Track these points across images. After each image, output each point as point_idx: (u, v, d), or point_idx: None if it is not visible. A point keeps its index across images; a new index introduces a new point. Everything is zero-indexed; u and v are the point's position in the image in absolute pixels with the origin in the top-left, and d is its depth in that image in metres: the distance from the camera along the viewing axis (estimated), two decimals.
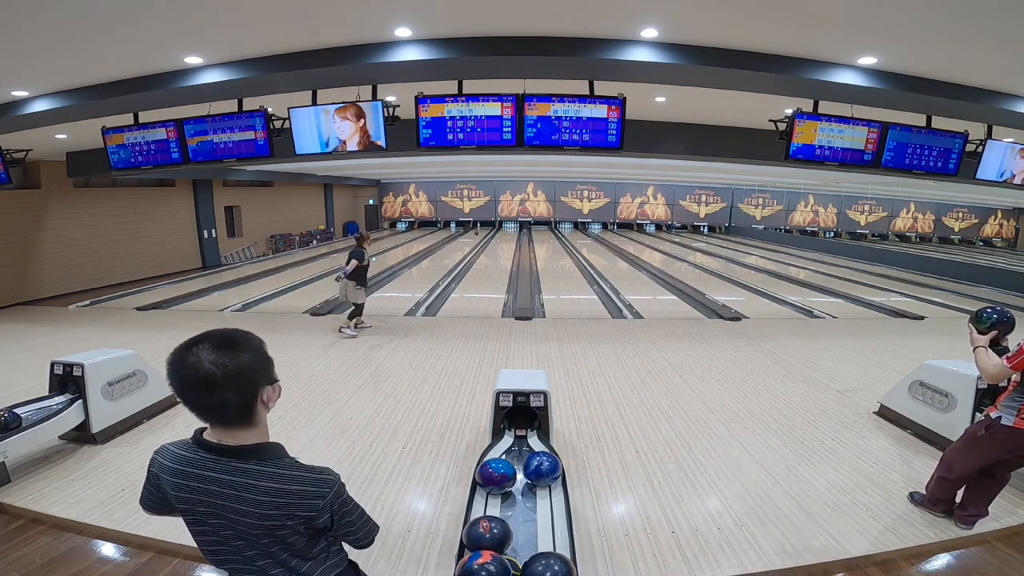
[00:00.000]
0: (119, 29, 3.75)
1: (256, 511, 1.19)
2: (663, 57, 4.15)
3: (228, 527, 1.22)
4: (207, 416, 1.21)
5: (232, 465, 1.20)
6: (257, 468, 1.21)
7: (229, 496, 1.19)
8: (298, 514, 1.21)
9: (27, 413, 3.49)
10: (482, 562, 1.94)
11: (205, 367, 1.14)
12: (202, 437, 1.24)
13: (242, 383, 1.18)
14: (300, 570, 1.27)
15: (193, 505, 1.23)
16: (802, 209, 25.55)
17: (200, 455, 1.22)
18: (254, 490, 1.18)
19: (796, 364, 5.69)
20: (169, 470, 1.25)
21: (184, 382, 1.16)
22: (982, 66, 4.38)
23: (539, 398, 3.37)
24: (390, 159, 13.20)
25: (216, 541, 1.25)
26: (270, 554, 1.24)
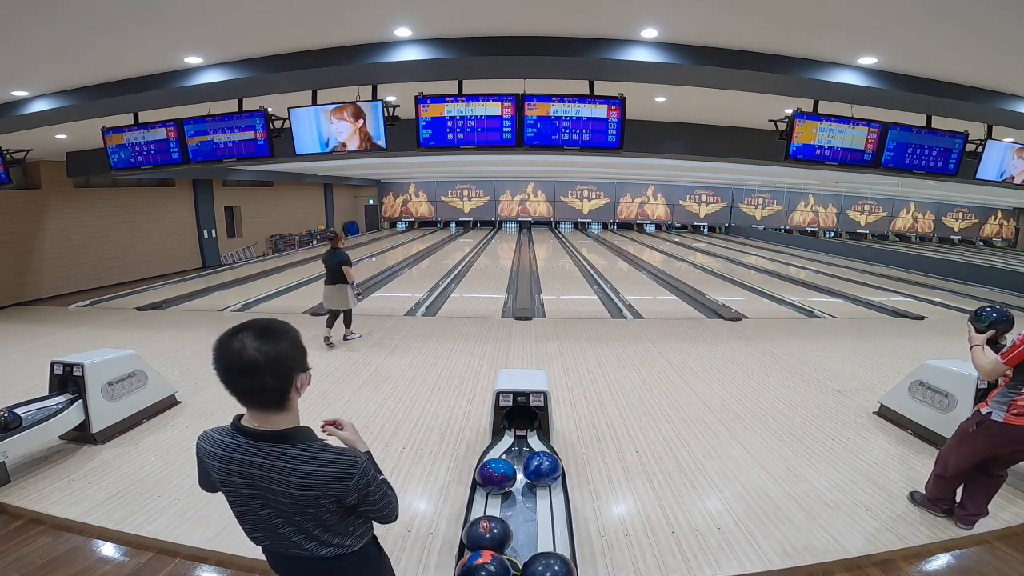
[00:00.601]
0: (119, 29, 3.74)
1: (292, 491, 1.29)
2: (663, 57, 4.15)
3: (267, 506, 1.33)
4: (247, 399, 1.30)
5: (269, 449, 1.30)
6: (292, 452, 1.30)
7: (268, 478, 1.29)
8: (329, 493, 1.31)
9: (27, 413, 3.49)
10: (482, 562, 1.94)
11: (249, 353, 1.23)
12: (240, 423, 1.35)
13: (280, 369, 1.27)
14: (331, 543, 1.38)
15: (236, 487, 1.34)
16: (802, 209, 25.55)
17: (239, 440, 1.32)
18: (290, 472, 1.28)
19: (796, 364, 5.69)
20: (212, 455, 1.35)
21: (229, 367, 1.25)
22: (982, 66, 4.38)
23: (539, 398, 3.38)
24: (390, 159, 13.20)
25: (256, 519, 1.37)
26: (304, 530, 1.35)
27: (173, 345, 6.27)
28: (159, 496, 3.14)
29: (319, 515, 1.35)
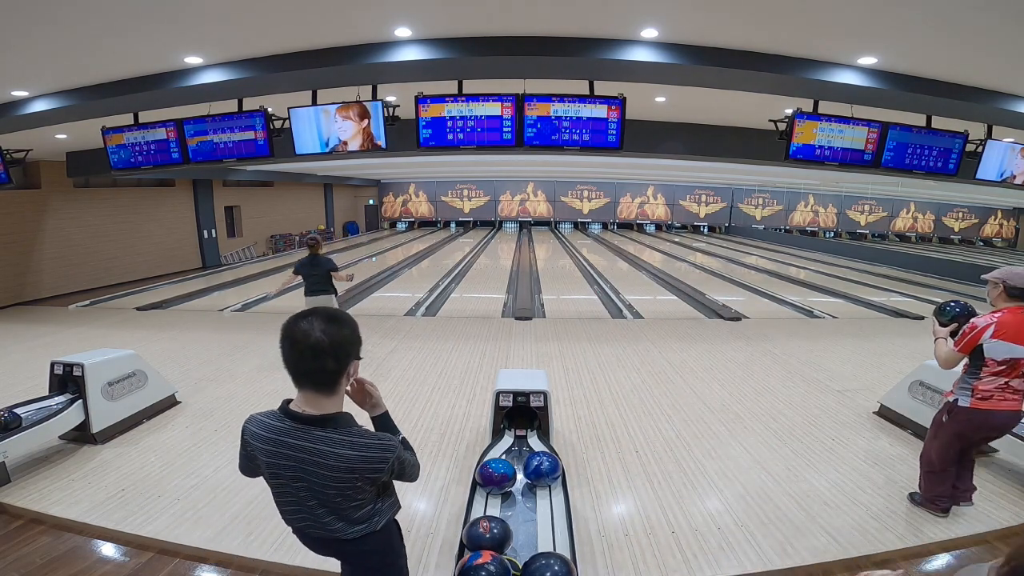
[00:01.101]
0: (119, 29, 3.74)
1: (333, 474, 1.39)
2: (663, 57, 4.15)
3: (308, 489, 1.43)
4: (306, 378, 1.40)
5: (313, 433, 1.40)
6: (336, 436, 1.40)
7: (312, 462, 1.39)
8: (368, 476, 1.44)
9: (27, 413, 3.49)
10: (482, 562, 1.94)
11: (316, 335, 1.35)
12: (288, 408, 1.45)
13: (340, 352, 1.40)
14: (361, 523, 1.50)
15: (280, 469, 1.43)
16: (802, 209, 25.55)
17: (287, 424, 1.43)
18: (332, 456, 1.38)
19: (796, 364, 5.69)
20: (259, 437, 1.46)
21: (295, 346, 1.37)
22: (982, 66, 4.38)
23: (539, 398, 3.38)
24: (390, 159, 13.20)
25: (295, 502, 1.48)
26: (338, 511, 1.47)
27: (173, 345, 6.27)
28: (159, 496, 3.14)
29: (355, 496, 1.45)
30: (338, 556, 1.66)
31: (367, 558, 1.60)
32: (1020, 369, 2.70)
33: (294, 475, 1.43)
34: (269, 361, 5.67)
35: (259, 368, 5.45)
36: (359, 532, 1.51)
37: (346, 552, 1.60)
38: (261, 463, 1.48)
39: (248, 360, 5.72)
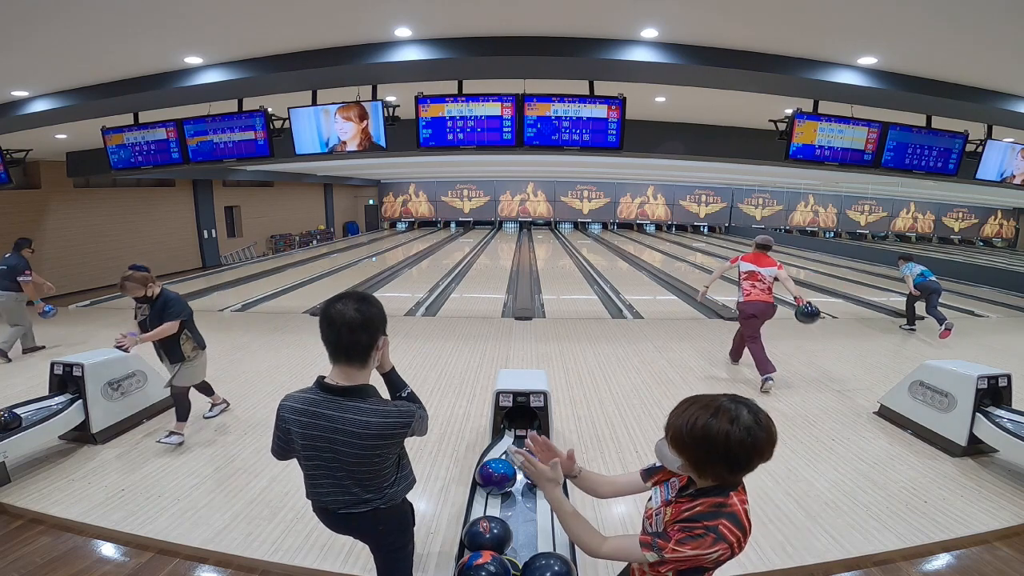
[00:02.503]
0: (119, 29, 3.75)
1: (359, 440, 1.56)
2: (663, 57, 4.15)
3: (335, 458, 1.60)
4: (342, 352, 1.59)
5: (343, 403, 1.58)
6: (362, 405, 1.58)
7: (340, 430, 1.57)
8: (390, 441, 1.61)
9: (27, 413, 3.49)
10: (482, 562, 1.94)
11: (351, 313, 1.55)
12: (323, 381, 1.62)
13: (371, 328, 1.59)
14: (381, 494, 1.68)
15: (312, 440, 1.60)
16: (802, 209, 25.53)
17: (321, 396, 1.60)
18: (360, 424, 1.56)
19: (796, 364, 5.69)
20: (295, 410, 1.62)
21: (332, 324, 1.56)
22: (982, 66, 4.38)
23: (539, 398, 3.37)
24: (390, 159, 13.20)
25: (325, 473, 1.64)
26: (359, 479, 1.63)
27: None
28: (159, 496, 3.14)
29: (378, 465, 1.63)
30: (358, 533, 1.82)
31: (387, 535, 1.79)
32: (757, 277, 4.95)
33: (325, 444, 1.59)
34: (269, 362, 5.67)
35: (259, 368, 5.45)
36: (378, 505, 1.68)
37: (365, 529, 1.77)
38: (295, 436, 1.63)
39: (248, 360, 5.72)
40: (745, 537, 1.28)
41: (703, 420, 1.26)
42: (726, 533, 1.24)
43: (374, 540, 1.84)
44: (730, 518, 1.26)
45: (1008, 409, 3.58)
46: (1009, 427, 3.38)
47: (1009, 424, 3.41)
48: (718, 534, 1.24)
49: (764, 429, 1.24)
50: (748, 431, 1.23)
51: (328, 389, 1.60)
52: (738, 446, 1.22)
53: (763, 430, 1.24)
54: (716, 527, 1.24)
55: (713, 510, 1.28)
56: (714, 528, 1.24)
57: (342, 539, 2.75)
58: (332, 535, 2.77)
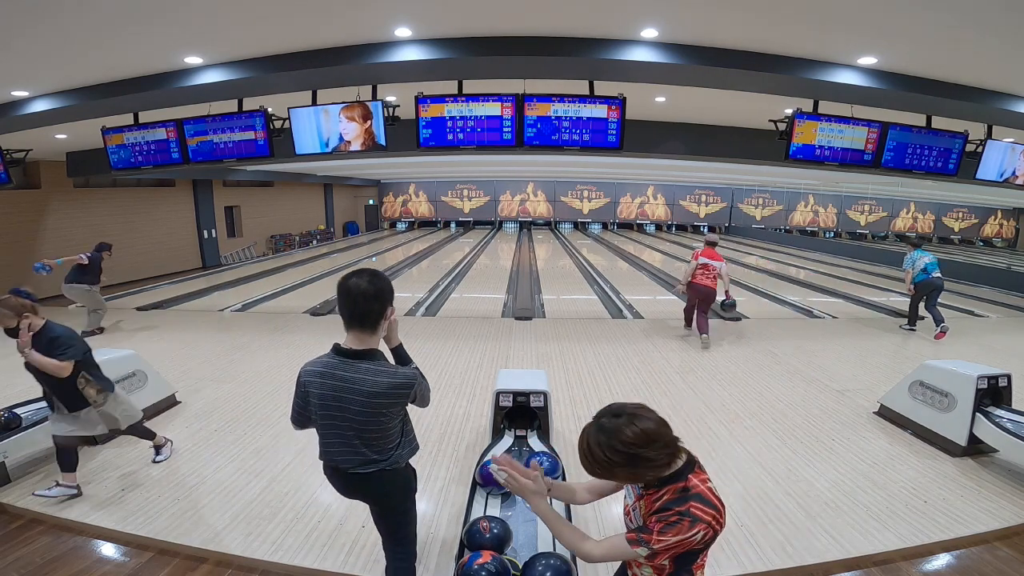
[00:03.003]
0: (119, 29, 3.75)
1: (369, 399, 1.76)
2: (663, 57, 4.15)
3: (346, 417, 1.79)
4: (356, 319, 1.80)
5: (356, 365, 1.79)
6: (372, 367, 1.79)
7: (352, 389, 1.77)
8: (395, 401, 1.82)
9: (27, 413, 3.50)
10: (482, 562, 1.94)
11: (365, 284, 1.78)
12: (339, 347, 1.83)
13: (382, 298, 1.81)
14: (387, 444, 1.87)
15: (327, 400, 1.80)
16: (802, 209, 25.54)
17: (337, 359, 1.81)
18: (370, 383, 1.77)
19: (796, 364, 5.69)
20: (314, 373, 1.82)
21: (349, 294, 1.78)
22: (982, 66, 4.38)
23: (539, 398, 3.37)
24: (390, 159, 13.20)
25: (335, 431, 1.83)
26: (366, 439, 1.83)
27: (173, 345, 6.26)
28: (159, 496, 3.14)
29: (384, 425, 1.83)
30: (364, 495, 1.98)
31: (391, 497, 1.97)
32: (708, 268, 6.31)
33: (337, 404, 1.78)
34: (269, 362, 5.67)
35: (259, 368, 5.45)
36: (384, 467, 1.87)
37: (371, 490, 1.94)
38: (312, 398, 1.83)
39: (248, 360, 5.72)
40: (720, 514, 1.34)
41: (582, 450, 1.42)
42: (699, 514, 1.31)
43: (380, 502, 2.00)
44: (697, 499, 1.34)
45: (1008, 409, 3.59)
46: (1009, 427, 3.38)
47: (1009, 424, 3.41)
48: (692, 517, 1.31)
49: (605, 423, 1.40)
50: (599, 431, 1.38)
51: (343, 353, 1.81)
52: (599, 448, 1.37)
53: (606, 422, 1.40)
54: (687, 511, 1.32)
55: (679, 495, 1.36)
56: (686, 512, 1.32)
57: (342, 539, 2.76)
58: (332, 535, 2.78)
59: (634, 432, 1.36)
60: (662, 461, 1.37)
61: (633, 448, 1.34)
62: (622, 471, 1.37)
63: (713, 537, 1.34)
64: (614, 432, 1.36)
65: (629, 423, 1.38)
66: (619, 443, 1.35)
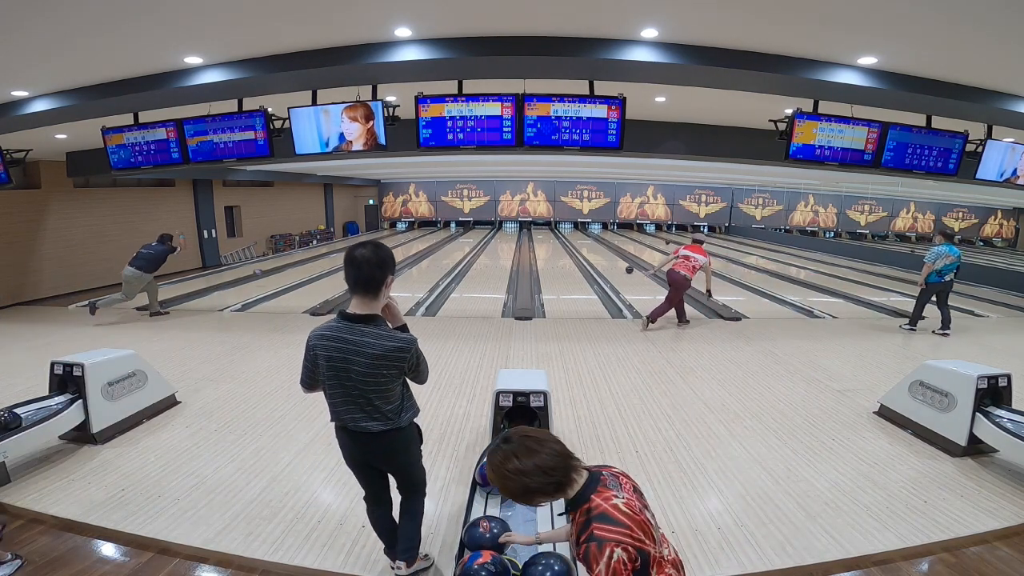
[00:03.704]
0: (119, 29, 3.75)
1: (372, 360, 1.95)
2: (663, 57, 4.15)
3: (351, 377, 1.98)
4: (360, 285, 1.98)
5: (360, 329, 1.98)
6: (373, 331, 1.98)
7: (357, 351, 1.96)
8: (395, 364, 1.99)
9: (27, 413, 3.49)
10: (482, 562, 1.94)
11: (369, 253, 1.97)
12: (344, 312, 2.02)
13: (384, 266, 2.00)
14: (389, 406, 2.06)
15: (334, 361, 1.98)
16: (802, 209, 25.53)
17: (343, 324, 2.00)
18: (373, 345, 1.96)
19: (796, 364, 5.69)
20: (322, 337, 2.01)
21: (354, 261, 1.97)
22: (982, 66, 4.38)
23: (539, 398, 3.37)
24: (390, 159, 13.20)
25: (344, 392, 2.01)
26: (371, 399, 2.01)
27: (173, 345, 6.27)
28: (159, 496, 3.14)
29: (386, 386, 2.01)
30: (372, 453, 2.14)
31: (396, 453, 2.16)
32: (689, 259, 6.82)
33: (343, 365, 1.97)
34: (269, 362, 5.67)
35: (259, 368, 5.45)
36: (389, 425, 2.06)
37: (379, 449, 2.11)
38: (320, 360, 2.00)
39: (248, 360, 5.72)
40: (630, 529, 1.32)
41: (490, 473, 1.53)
42: (603, 535, 1.29)
43: (388, 458, 2.19)
44: (599, 520, 1.33)
45: (1008, 409, 3.58)
46: (1009, 427, 3.38)
47: (1009, 424, 3.41)
48: (598, 540, 1.29)
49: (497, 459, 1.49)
50: (497, 451, 1.51)
51: (348, 318, 2.00)
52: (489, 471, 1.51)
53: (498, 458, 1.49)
54: (591, 534, 1.31)
55: (584, 520, 1.36)
56: (591, 537, 1.30)
57: (342, 539, 2.76)
58: (332, 535, 2.78)
59: (507, 460, 1.45)
60: (548, 490, 1.43)
61: (511, 475, 1.43)
62: (513, 495, 1.46)
63: (635, 552, 1.29)
64: (494, 458, 1.49)
65: (501, 449, 1.48)
66: (501, 468, 1.45)
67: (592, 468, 1.53)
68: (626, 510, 1.35)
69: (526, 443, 1.46)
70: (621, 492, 1.42)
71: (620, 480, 1.50)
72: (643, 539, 1.32)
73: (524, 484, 1.41)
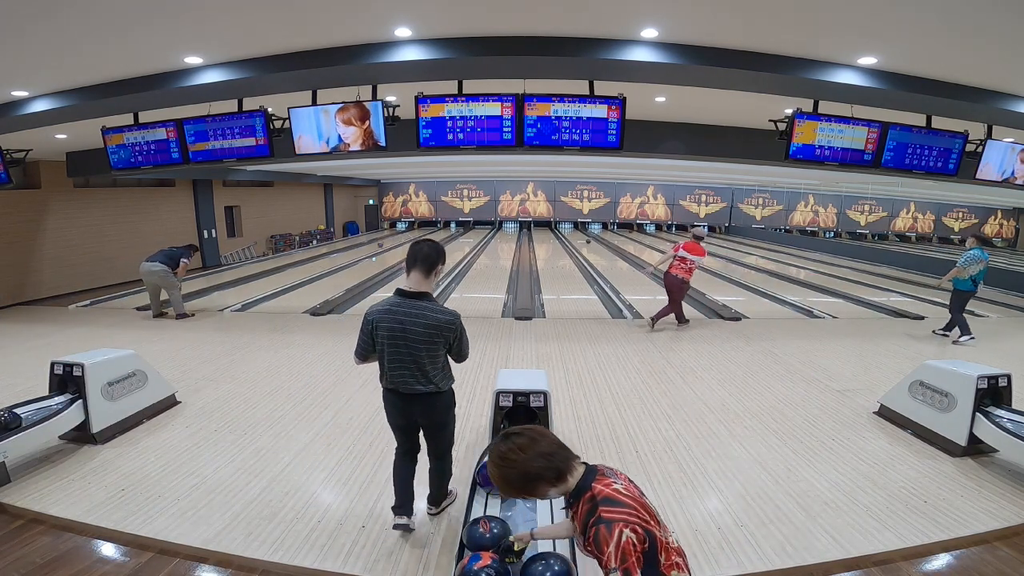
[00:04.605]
0: (119, 29, 3.75)
1: (423, 331, 2.40)
2: (663, 57, 4.15)
3: (406, 344, 2.41)
4: (419, 261, 2.46)
5: (415, 303, 2.43)
6: (426, 305, 2.44)
7: (410, 322, 2.40)
8: (443, 334, 2.44)
9: (27, 413, 3.49)
10: (482, 565, 1.94)
11: (430, 244, 2.53)
12: (400, 289, 2.47)
13: (439, 254, 2.53)
14: (436, 381, 2.49)
15: (392, 331, 2.41)
16: (802, 209, 25.53)
17: (400, 299, 2.45)
18: (423, 318, 2.41)
19: (796, 364, 5.69)
20: (381, 311, 2.45)
21: (418, 246, 2.50)
22: (982, 66, 4.38)
23: (539, 398, 3.37)
24: (390, 159, 13.19)
25: (399, 359, 2.44)
26: (420, 364, 2.44)
27: (173, 345, 6.27)
28: (159, 496, 3.14)
29: (435, 353, 2.45)
30: (416, 410, 2.56)
31: (437, 412, 2.61)
32: (686, 261, 6.70)
33: (400, 334, 2.39)
34: (269, 362, 5.67)
35: (259, 368, 5.45)
36: (434, 388, 2.48)
37: (423, 405, 2.53)
38: (379, 331, 2.43)
39: (248, 360, 5.72)
40: (636, 509, 1.39)
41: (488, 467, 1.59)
42: (612, 516, 1.35)
43: (429, 417, 2.60)
44: (604, 503, 1.39)
45: (1008, 409, 3.58)
46: (1009, 427, 3.38)
47: (1009, 424, 3.41)
48: (607, 521, 1.34)
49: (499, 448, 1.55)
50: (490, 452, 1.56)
51: (405, 294, 2.44)
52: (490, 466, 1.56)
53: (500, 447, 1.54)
54: (599, 517, 1.36)
55: (589, 507, 1.41)
56: (599, 520, 1.36)
57: (342, 539, 2.76)
58: (332, 535, 2.78)
59: (508, 447, 1.51)
60: (549, 475, 1.49)
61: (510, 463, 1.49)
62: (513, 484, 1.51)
63: (643, 532, 1.35)
64: (494, 450, 1.54)
65: (504, 440, 1.54)
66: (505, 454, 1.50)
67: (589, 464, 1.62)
68: (627, 494, 1.42)
69: (528, 433, 1.54)
70: (619, 480, 1.50)
71: (616, 472, 1.57)
72: (649, 520, 1.38)
73: (524, 470, 1.46)
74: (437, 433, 2.67)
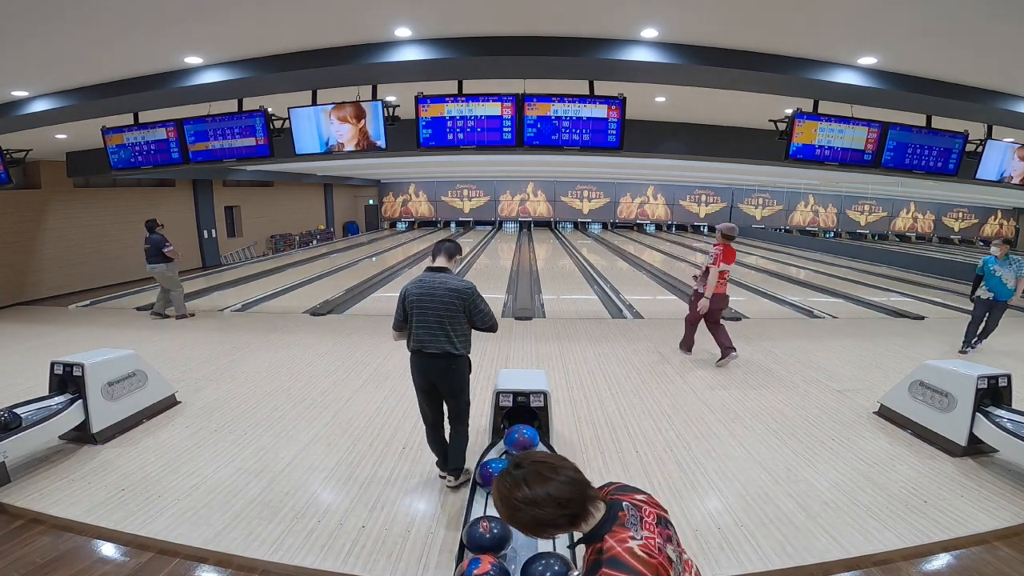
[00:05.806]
0: (119, 29, 3.74)
1: (445, 293, 2.88)
2: (663, 57, 4.15)
3: (433, 310, 2.88)
4: (443, 249, 3.06)
5: (441, 275, 2.95)
6: (451, 277, 2.96)
7: (435, 286, 2.90)
8: (462, 298, 2.89)
9: (27, 413, 3.49)
10: (481, 571, 1.91)
11: (450, 241, 3.12)
12: (430, 266, 3.02)
13: (459, 248, 3.15)
14: (456, 345, 2.92)
15: (422, 299, 2.89)
16: (802, 209, 25.54)
17: (429, 274, 2.97)
18: (445, 284, 2.90)
19: (796, 364, 5.69)
20: (414, 284, 2.95)
21: (442, 244, 3.07)
22: (982, 66, 4.38)
23: (539, 398, 3.37)
24: (390, 159, 13.20)
25: (427, 323, 2.89)
26: (445, 328, 2.89)
27: (173, 345, 6.27)
28: (159, 496, 3.14)
29: (458, 319, 2.90)
30: (435, 371, 2.96)
31: (457, 375, 2.99)
32: (726, 274, 5.55)
33: (430, 300, 2.87)
34: (269, 362, 5.67)
35: (259, 368, 5.45)
36: (456, 351, 2.91)
37: (445, 366, 2.94)
38: (411, 299, 2.91)
39: (248, 360, 5.72)
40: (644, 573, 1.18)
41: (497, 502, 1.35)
42: None
43: (449, 378, 2.97)
44: (610, 564, 1.20)
45: (1008, 409, 3.58)
46: (1009, 427, 3.38)
47: (1009, 424, 3.41)
48: None
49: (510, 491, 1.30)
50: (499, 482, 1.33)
51: (432, 269, 3.00)
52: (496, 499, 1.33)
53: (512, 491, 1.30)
54: None
55: (594, 559, 1.24)
56: None
57: (342, 539, 2.76)
58: (332, 535, 2.78)
59: (521, 494, 1.28)
60: (561, 523, 1.29)
61: (520, 504, 1.27)
62: (521, 527, 1.30)
63: None
64: (502, 485, 1.32)
65: (508, 475, 1.33)
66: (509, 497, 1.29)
67: (612, 496, 1.36)
68: (642, 554, 1.21)
69: (538, 469, 1.31)
70: (640, 531, 1.27)
71: (642, 512, 1.33)
72: None
73: (534, 516, 1.26)
74: (454, 396, 3.04)
